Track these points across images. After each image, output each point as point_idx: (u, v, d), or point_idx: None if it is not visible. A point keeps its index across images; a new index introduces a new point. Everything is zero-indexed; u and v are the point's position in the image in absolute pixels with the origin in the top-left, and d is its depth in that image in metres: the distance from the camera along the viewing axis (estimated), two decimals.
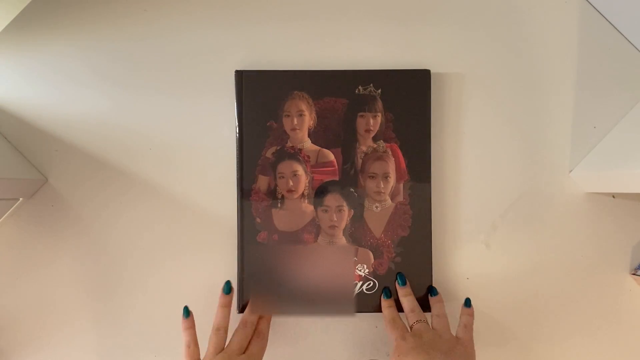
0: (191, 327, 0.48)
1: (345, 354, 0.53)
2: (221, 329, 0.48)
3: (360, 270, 0.51)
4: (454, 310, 0.52)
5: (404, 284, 0.50)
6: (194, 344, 0.47)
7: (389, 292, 0.51)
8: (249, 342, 0.48)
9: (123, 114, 0.54)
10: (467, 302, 0.50)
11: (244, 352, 0.47)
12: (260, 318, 0.50)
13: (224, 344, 0.47)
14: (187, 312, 0.49)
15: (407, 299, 0.50)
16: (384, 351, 0.53)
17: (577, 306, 0.53)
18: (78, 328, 0.53)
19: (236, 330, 0.48)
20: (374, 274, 0.51)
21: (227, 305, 0.49)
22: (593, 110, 0.54)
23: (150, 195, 0.53)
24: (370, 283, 0.51)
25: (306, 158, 0.52)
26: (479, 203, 0.53)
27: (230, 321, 0.48)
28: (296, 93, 0.52)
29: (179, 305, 0.51)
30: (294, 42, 0.54)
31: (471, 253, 0.53)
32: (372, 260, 0.51)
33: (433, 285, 0.51)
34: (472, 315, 0.50)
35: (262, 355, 0.48)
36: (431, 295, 0.51)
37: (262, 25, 0.54)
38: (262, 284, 0.51)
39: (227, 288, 0.50)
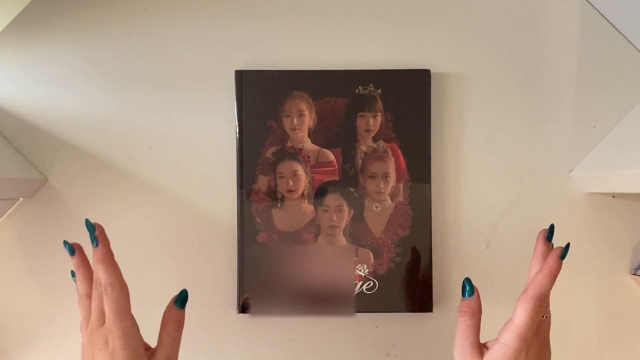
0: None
1: (345, 354, 0.53)
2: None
3: (360, 270, 0.51)
4: (453, 310, 0.52)
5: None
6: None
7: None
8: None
9: (123, 114, 0.54)
10: (563, 252, 0.40)
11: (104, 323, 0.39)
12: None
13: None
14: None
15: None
16: (384, 351, 0.53)
17: (577, 306, 0.53)
18: (78, 328, 0.53)
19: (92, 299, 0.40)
20: (374, 274, 0.51)
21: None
22: (593, 110, 0.53)
23: (150, 195, 0.53)
24: (370, 283, 0.51)
25: (306, 158, 0.52)
26: (479, 203, 0.53)
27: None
28: (296, 93, 0.52)
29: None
30: (294, 41, 0.54)
31: (471, 253, 0.53)
32: (372, 260, 0.51)
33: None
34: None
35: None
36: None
37: (262, 24, 0.54)
38: (262, 284, 0.51)
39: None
